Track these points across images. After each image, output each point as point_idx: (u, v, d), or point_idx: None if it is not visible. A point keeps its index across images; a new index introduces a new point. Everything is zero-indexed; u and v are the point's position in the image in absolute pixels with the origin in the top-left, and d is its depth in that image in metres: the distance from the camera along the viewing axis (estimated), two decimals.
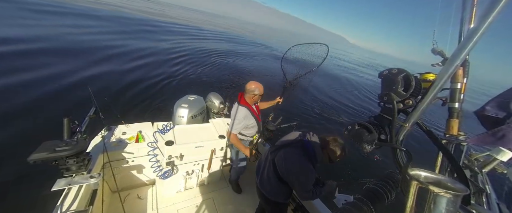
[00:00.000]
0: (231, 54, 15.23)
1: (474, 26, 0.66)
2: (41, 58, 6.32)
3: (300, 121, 6.23)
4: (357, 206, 1.01)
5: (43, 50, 6.91)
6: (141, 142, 2.20)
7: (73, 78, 5.78)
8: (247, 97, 2.20)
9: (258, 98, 2.23)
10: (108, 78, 6.47)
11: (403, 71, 0.75)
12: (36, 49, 6.80)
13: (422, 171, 0.63)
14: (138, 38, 12.22)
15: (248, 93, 2.18)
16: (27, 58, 6.07)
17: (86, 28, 11.16)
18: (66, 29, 9.97)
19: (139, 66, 8.13)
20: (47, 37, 8.14)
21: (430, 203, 0.54)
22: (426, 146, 7.21)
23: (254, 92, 2.16)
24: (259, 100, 2.32)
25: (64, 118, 1.36)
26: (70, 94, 5.00)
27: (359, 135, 0.83)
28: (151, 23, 18.67)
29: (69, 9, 14.78)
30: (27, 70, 5.45)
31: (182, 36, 16.83)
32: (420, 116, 0.78)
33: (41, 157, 1.13)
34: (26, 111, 4.05)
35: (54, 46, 7.51)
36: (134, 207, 2.16)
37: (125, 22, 16.22)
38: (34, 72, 5.46)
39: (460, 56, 0.67)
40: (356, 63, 42.74)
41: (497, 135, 0.88)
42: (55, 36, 8.57)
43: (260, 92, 2.19)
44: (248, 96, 2.19)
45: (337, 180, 1.71)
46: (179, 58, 10.73)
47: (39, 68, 5.73)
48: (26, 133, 3.58)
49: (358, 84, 17.47)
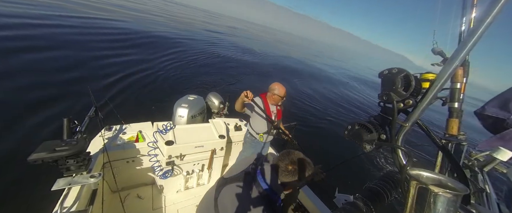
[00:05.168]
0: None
1: (474, 26, 0.66)
2: (41, 58, 6.31)
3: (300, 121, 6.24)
4: (357, 206, 1.00)
5: (43, 50, 6.91)
6: (141, 142, 2.20)
7: (73, 78, 5.78)
8: (268, 95, 2.36)
9: (278, 99, 2.33)
10: (108, 78, 6.47)
11: (403, 71, 0.76)
12: (36, 49, 6.80)
13: (422, 171, 0.63)
14: (139, 38, 12.21)
15: (269, 91, 2.35)
16: (27, 58, 6.06)
17: (86, 28, 11.15)
18: (66, 29, 9.96)
19: (139, 66, 8.12)
20: (47, 37, 8.14)
21: (430, 203, 0.54)
22: (426, 146, 7.26)
23: (274, 91, 2.31)
24: (280, 102, 2.41)
25: (64, 118, 1.36)
26: (70, 94, 5.00)
27: (359, 135, 0.83)
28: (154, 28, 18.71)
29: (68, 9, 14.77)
30: (27, 70, 5.45)
31: (199, 43, 16.76)
32: (420, 116, 0.78)
33: (41, 157, 1.13)
34: (26, 111, 4.05)
35: (54, 46, 7.51)
36: (134, 207, 2.16)
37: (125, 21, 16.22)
38: (34, 72, 5.46)
39: (460, 56, 0.67)
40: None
41: (505, 138, 0.88)
42: (55, 36, 8.56)
43: (280, 93, 2.30)
44: (268, 94, 2.35)
45: (337, 180, 1.69)
46: (179, 58, 10.74)
47: (39, 68, 5.72)
48: (26, 133, 3.58)
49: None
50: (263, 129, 2.41)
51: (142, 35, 13.23)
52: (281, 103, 2.45)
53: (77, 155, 1.26)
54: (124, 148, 2.08)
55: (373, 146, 0.80)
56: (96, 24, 12.94)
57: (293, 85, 11.78)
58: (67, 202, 1.28)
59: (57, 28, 9.62)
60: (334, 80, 17.63)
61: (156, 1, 48.57)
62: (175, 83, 7.62)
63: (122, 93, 5.89)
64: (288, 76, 13.79)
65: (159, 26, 19.05)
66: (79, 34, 9.73)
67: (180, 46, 13.17)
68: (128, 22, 16.50)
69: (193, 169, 2.38)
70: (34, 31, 8.31)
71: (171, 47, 12.19)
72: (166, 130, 2.24)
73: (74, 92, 5.11)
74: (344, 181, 4.46)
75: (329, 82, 16.47)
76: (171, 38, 14.91)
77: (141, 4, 31.60)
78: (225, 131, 2.64)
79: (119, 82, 6.41)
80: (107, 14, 16.75)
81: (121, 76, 6.78)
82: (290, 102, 8.49)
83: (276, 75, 13.27)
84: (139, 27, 15.52)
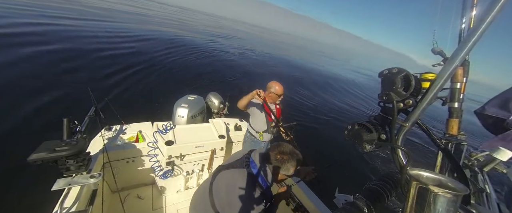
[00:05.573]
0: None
1: (474, 26, 0.66)
2: (41, 58, 6.32)
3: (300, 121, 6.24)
4: (357, 206, 1.00)
5: (43, 50, 6.91)
6: (141, 142, 2.20)
7: (73, 78, 5.78)
8: (266, 94, 2.34)
9: (276, 97, 2.35)
10: (108, 78, 6.47)
11: (403, 71, 0.75)
12: (37, 49, 6.80)
13: (422, 171, 0.63)
14: (139, 38, 12.22)
15: (267, 90, 2.35)
16: (27, 57, 6.06)
17: (86, 28, 11.15)
18: (66, 29, 9.96)
19: (140, 66, 8.12)
20: (47, 37, 8.14)
21: (430, 203, 0.54)
22: (426, 146, 7.24)
23: (270, 89, 2.32)
24: (278, 101, 2.43)
25: (64, 118, 1.36)
26: (70, 94, 5.00)
27: (359, 135, 0.83)
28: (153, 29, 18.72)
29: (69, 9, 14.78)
30: (27, 70, 5.45)
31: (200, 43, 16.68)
32: (420, 116, 0.78)
33: (41, 157, 1.13)
34: (26, 111, 4.05)
35: (54, 46, 7.51)
36: (134, 207, 2.16)
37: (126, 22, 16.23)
38: (34, 72, 5.46)
39: (460, 56, 0.67)
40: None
41: (507, 139, 0.88)
42: (55, 35, 8.56)
43: (277, 91, 2.32)
44: (266, 93, 2.34)
45: (337, 180, 1.69)
46: (180, 58, 10.75)
47: (39, 68, 5.72)
48: (26, 133, 3.58)
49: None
50: (263, 127, 2.42)
51: (142, 35, 13.24)
52: (279, 101, 2.45)
53: (77, 155, 1.26)
54: (124, 148, 2.08)
55: (373, 146, 0.80)
56: (97, 24, 12.95)
57: (293, 85, 11.78)
58: (67, 202, 1.27)
59: (57, 28, 9.62)
60: (334, 80, 17.63)
61: (158, 6, 48.78)
62: (175, 83, 7.62)
63: (122, 93, 5.89)
64: (288, 76, 13.81)
65: (159, 26, 19.07)
66: (79, 34, 9.74)
67: (181, 46, 13.18)
68: (128, 22, 16.51)
69: (193, 169, 2.38)
70: (34, 30, 8.32)
71: (172, 48, 12.20)
72: (166, 130, 2.24)
73: (74, 92, 5.12)
74: (344, 181, 4.46)
75: (329, 82, 16.47)
76: (172, 38, 14.93)
77: (145, 9, 31.65)
78: (225, 131, 2.64)
79: (119, 82, 6.41)
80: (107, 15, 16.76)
81: (121, 76, 6.78)
82: (290, 102, 8.49)
83: (276, 75, 13.29)
84: (139, 28, 15.53)
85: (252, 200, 1.10)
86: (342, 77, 21.30)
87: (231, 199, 1.12)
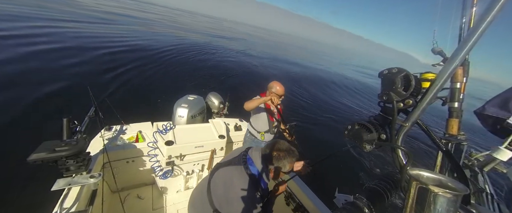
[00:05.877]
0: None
1: (474, 26, 0.66)
2: (41, 58, 6.32)
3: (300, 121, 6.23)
4: (357, 206, 1.00)
5: (43, 49, 6.91)
6: (141, 142, 2.20)
7: (73, 78, 5.78)
8: (267, 94, 2.34)
9: (276, 96, 2.31)
10: (108, 78, 6.47)
11: (403, 71, 0.75)
12: (36, 48, 6.80)
13: (422, 171, 0.63)
14: (139, 39, 12.22)
15: (268, 90, 2.35)
16: (27, 57, 6.06)
17: (86, 28, 11.15)
18: (65, 28, 9.96)
19: (140, 66, 8.13)
20: (47, 37, 8.14)
21: (430, 203, 0.54)
22: (426, 146, 7.23)
23: (271, 89, 2.32)
24: (279, 101, 2.39)
25: (63, 118, 1.36)
26: (70, 94, 5.00)
27: (359, 135, 0.83)
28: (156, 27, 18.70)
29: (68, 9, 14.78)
30: (27, 69, 5.45)
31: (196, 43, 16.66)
32: (420, 115, 0.78)
33: (40, 157, 1.13)
34: (26, 111, 4.05)
35: (54, 46, 7.51)
36: (134, 207, 2.15)
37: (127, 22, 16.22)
38: (34, 72, 5.46)
39: (459, 55, 0.67)
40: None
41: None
42: (55, 35, 8.56)
43: (277, 91, 2.31)
44: (267, 93, 2.34)
45: (337, 180, 1.69)
46: (180, 58, 10.75)
47: (39, 68, 5.72)
48: (26, 133, 3.58)
49: None
50: (265, 128, 2.42)
51: (142, 35, 13.24)
52: (280, 101, 2.45)
53: (77, 155, 1.26)
54: (124, 148, 2.08)
55: (373, 146, 0.80)
56: (97, 24, 12.94)
57: (292, 85, 11.78)
58: (67, 202, 1.27)
59: (57, 28, 9.62)
60: (334, 80, 17.62)
61: (161, 8, 48.77)
62: (175, 83, 7.62)
63: (122, 93, 5.89)
64: (288, 76, 13.80)
65: (159, 27, 19.06)
66: (79, 34, 9.74)
67: (181, 47, 13.18)
68: (128, 22, 16.50)
69: (193, 169, 2.38)
70: (34, 30, 8.32)
71: (172, 48, 12.20)
72: (166, 130, 2.24)
73: (74, 92, 5.11)
74: (344, 181, 4.46)
75: (329, 82, 16.46)
76: (172, 39, 14.93)
77: (145, 13, 31.63)
78: (225, 131, 2.64)
79: (119, 82, 6.41)
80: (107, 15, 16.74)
81: (121, 77, 6.78)
82: (290, 102, 8.49)
83: (276, 75, 13.29)
84: (139, 28, 15.52)
85: (249, 196, 1.11)
86: (342, 77, 21.29)
87: (228, 196, 1.14)
